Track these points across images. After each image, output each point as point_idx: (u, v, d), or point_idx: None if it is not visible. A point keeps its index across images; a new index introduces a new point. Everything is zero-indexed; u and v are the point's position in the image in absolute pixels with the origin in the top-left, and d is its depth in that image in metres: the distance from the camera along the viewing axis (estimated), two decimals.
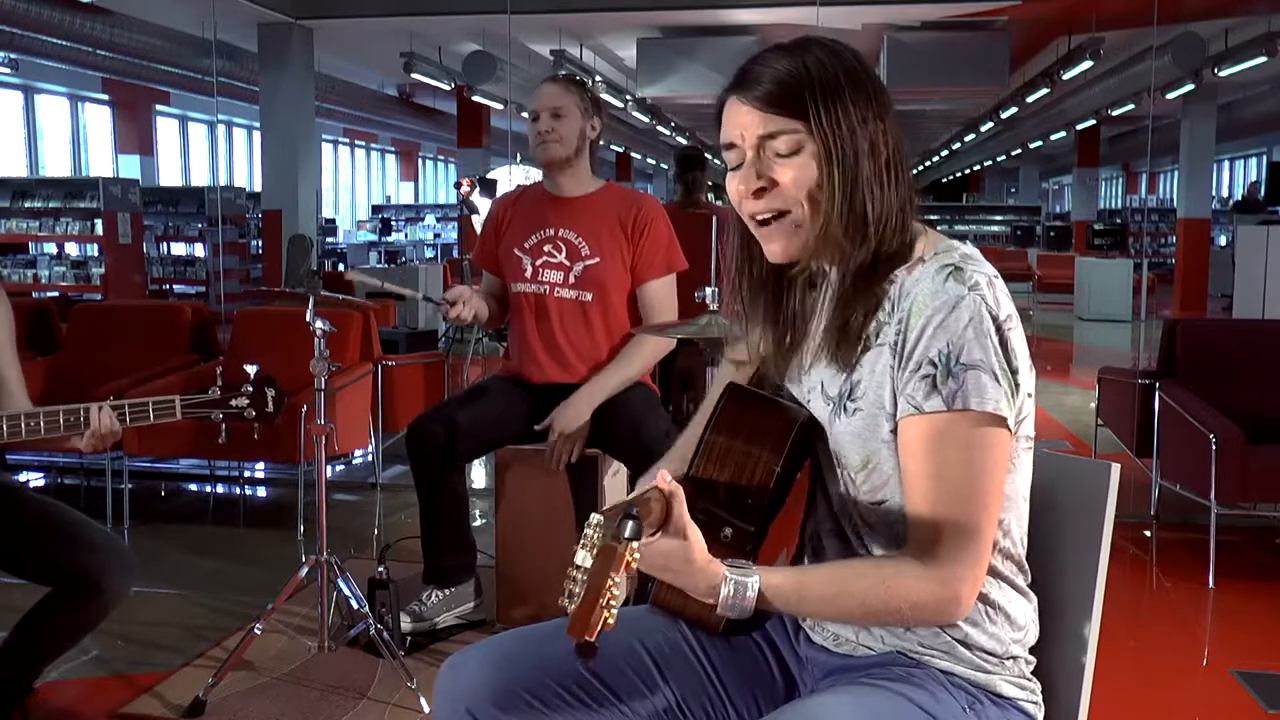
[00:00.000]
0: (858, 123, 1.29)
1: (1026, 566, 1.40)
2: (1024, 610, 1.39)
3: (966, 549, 1.25)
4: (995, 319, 1.26)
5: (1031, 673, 1.40)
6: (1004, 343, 1.26)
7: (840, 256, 1.34)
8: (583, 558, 1.05)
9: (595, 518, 1.09)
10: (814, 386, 1.41)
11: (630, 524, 1.07)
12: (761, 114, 1.30)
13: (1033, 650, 1.40)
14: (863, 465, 1.35)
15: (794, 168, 1.30)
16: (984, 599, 1.35)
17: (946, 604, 1.26)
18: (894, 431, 1.31)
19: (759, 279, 1.44)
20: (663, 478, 1.21)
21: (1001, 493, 1.30)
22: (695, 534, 1.21)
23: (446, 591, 3.21)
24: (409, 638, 3.12)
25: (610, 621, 1.02)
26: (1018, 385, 1.27)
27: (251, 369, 2.38)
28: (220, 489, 5.29)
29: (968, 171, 31.72)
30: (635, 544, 1.06)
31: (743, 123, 1.32)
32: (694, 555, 1.21)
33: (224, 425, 2.37)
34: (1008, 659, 1.37)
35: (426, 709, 2.73)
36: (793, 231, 1.33)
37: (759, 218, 1.34)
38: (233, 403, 2.36)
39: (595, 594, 1.01)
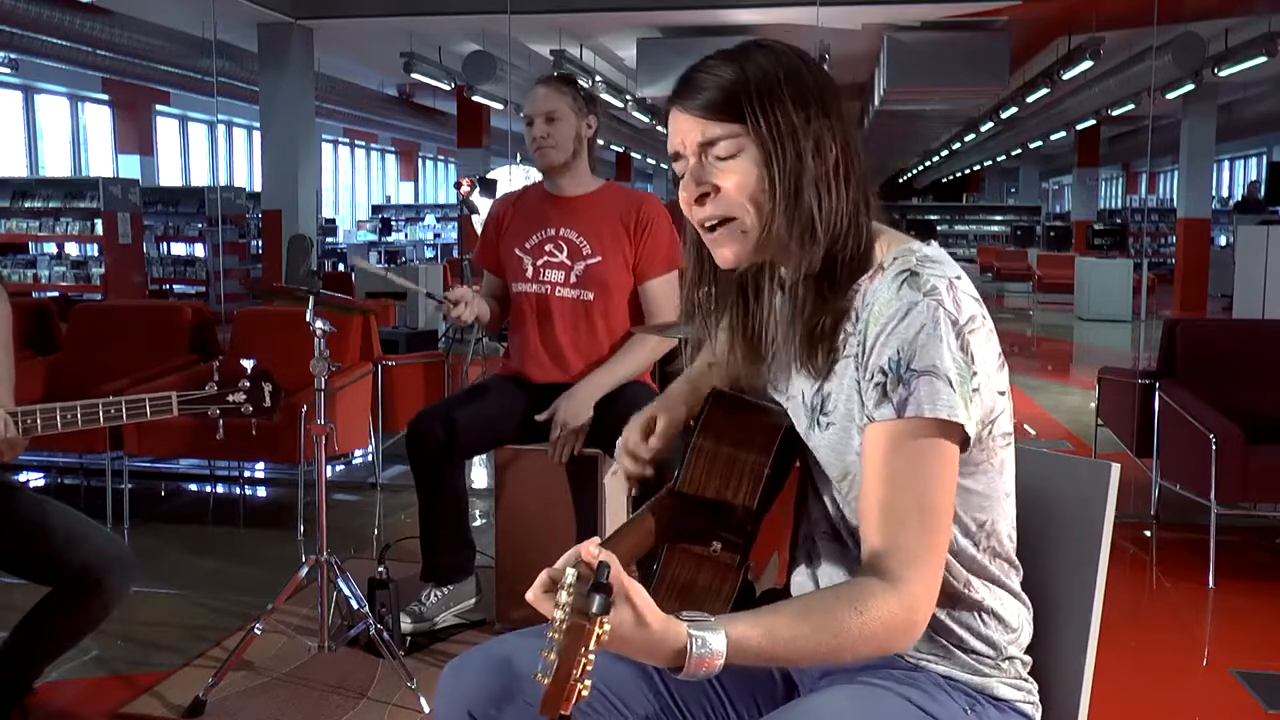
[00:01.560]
0: (799, 123, 1.28)
1: (1018, 563, 1.40)
2: (1016, 611, 1.38)
3: (923, 565, 1.22)
4: (955, 323, 1.24)
5: (1029, 673, 1.39)
6: (964, 346, 1.24)
7: (792, 259, 1.32)
8: (559, 622, 1.02)
9: (570, 574, 1.05)
10: (794, 396, 1.41)
11: (598, 599, 1.01)
12: (701, 121, 1.30)
13: (1029, 650, 1.40)
14: (842, 477, 1.35)
15: (735, 172, 1.29)
16: (977, 604, 1.34)
17: (909, 628, 1.21)
18: None
19: (717, 284, 1.43)
20: (588, 551, 1.09)
21: (953, 502, 1.27)
22: (640, 595, 1.10)
23: (446, 590, 3.21)
24: (409, 638, 3.12)
25: (584, 694, 0.99)
26: (979, 389, 1.25)
27: (248, 363, 2.36)
28: (220, 489, 5.28)
29: (968, 171, 31.75)
30: (606, 618, 1.02)
31: (684, 129, 1.32)
32: (647, 619, 1.09)
33: (220, 421, 2.34)
34: (1004, 660, 1.36)
35: (426, 709, 2.73)
36: (740, 237, 1.32)
37: (706, 224, 1.34)
38: (229, 398, 2.34)
39: (566, 673, 0.98)
